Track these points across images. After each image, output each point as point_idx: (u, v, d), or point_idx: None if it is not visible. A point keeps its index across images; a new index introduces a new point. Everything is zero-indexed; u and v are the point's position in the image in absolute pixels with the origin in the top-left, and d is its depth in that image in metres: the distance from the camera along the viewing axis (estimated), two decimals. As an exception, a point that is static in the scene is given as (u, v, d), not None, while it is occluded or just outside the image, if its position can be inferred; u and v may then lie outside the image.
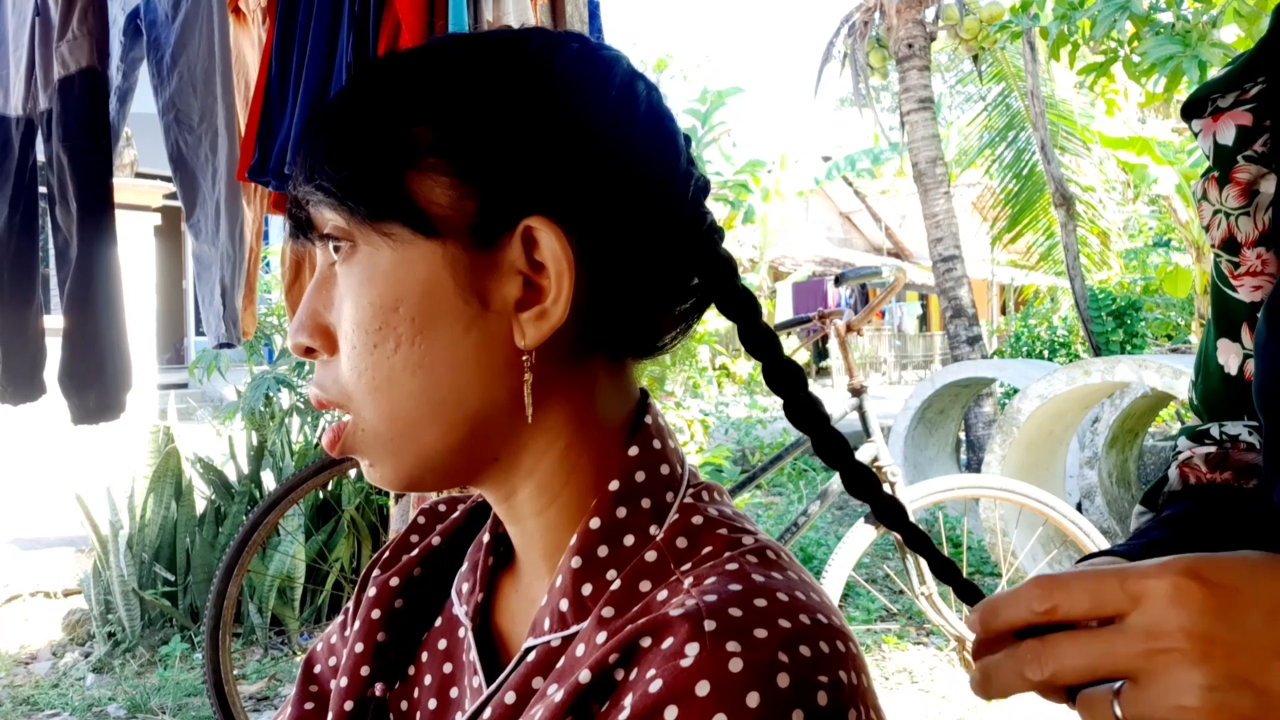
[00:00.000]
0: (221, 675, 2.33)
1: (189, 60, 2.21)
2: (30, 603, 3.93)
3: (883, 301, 2.52)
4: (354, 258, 0.50)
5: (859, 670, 0.43)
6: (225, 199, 2.21)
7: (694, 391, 8.90)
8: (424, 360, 0.49)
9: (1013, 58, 8.51)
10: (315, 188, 0.50)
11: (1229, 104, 0.63)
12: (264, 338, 4.92)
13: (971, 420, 6.08)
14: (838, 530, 4.96)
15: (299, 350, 0.53)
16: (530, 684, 0.50)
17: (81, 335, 1.95)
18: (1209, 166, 0.65)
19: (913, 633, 3.42)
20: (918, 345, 22.83)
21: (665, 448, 0.54)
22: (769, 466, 2.64)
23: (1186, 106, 0.66)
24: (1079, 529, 2.46)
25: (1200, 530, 0.63)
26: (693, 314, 0.56)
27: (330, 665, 0.65)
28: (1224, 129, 0.63)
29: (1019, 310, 17.31)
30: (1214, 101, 0.64)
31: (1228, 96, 0.63)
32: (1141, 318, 8.68)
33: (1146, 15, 4.38)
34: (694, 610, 0.43)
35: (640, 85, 0.53)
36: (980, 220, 11.37)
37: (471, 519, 0.64)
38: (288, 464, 3.79)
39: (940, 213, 6.48)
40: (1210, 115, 0.64)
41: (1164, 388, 3.26)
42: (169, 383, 9.79)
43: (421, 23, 1.58)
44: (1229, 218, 0.63)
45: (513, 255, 0.49)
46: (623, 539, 0.50)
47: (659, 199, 0.51)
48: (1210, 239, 0.65)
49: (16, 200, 2.05)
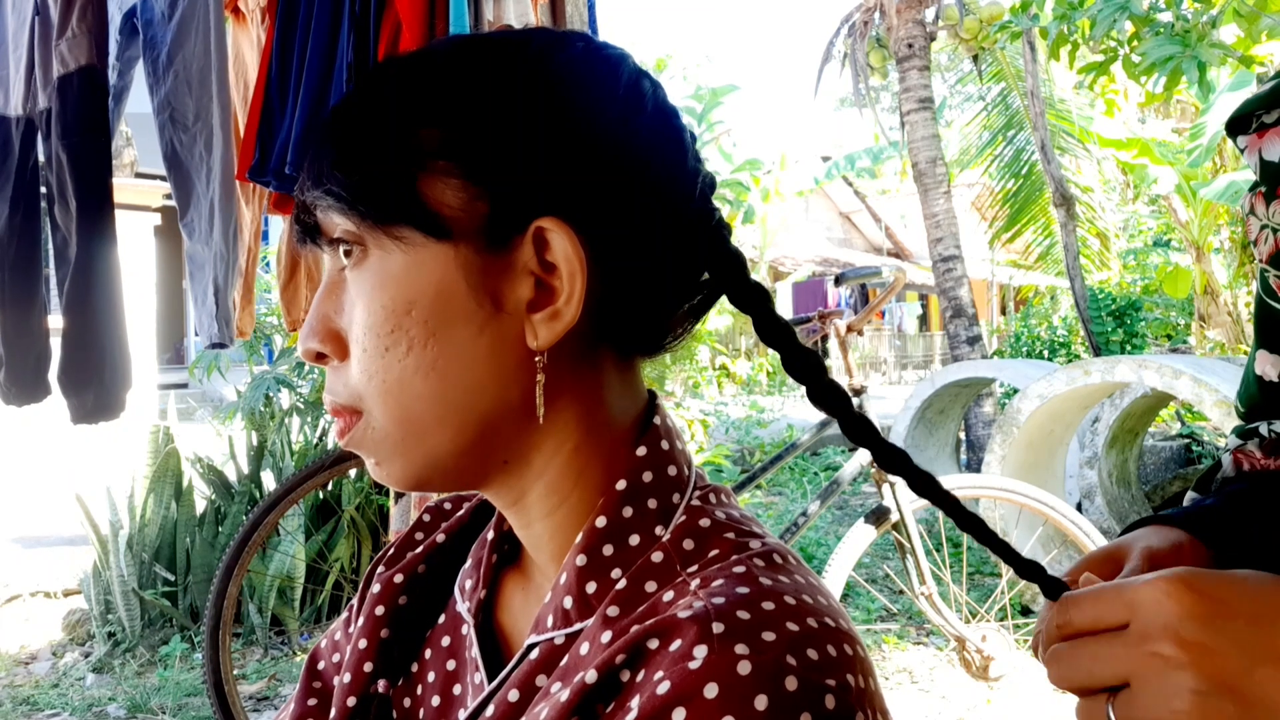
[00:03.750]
0: (221, 675, 2.33)
1: (185, 59, 2.21)
2: (30, 603, 3.93)
3: (883, 301, 2.51)
4: (365, 262, 0.50)
5: (866, 673, 0.43)
6: (219, 198, 2.21)
7: (694, 391, 8.91)
8: (436, 363, 0.49)
9: (1013, 58, 8.52)
10: (324, 193, 0.50)
11: (1274, 120, 0.63)
12: (264, 338, 4.91)
13: (971, 420, 6.08)
14: (838, 530, 4.96)
15: (309, 356, 0.53)
16: (533, 681, 0.50)
17: (81, 335, 1.95)
18: (1255, 181, 0.65)
19: (913, 633, 3.42)
20: (918, 345, 22.83)
21: (673, 449, 0.54)
22: (769, 466, 2.63)
23: (1231, 123, 0.66)
24: (1079, 529, 2.46)
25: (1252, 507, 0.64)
26: (700, 309, 0.56)
27: (334, 662, 0.65)
28: (1270, 145, 0.63)
29: (1019, 310, 17.32)
30: (1259, 118, 0.64)
31: (1273, 112, 0.63)
32: (1141, 318, 8.69)
33: (1146, 15, 4.38)
34: (702, 612, 0.43)
35: (646, 83, 0.53)
36: (980, 220, 11.37)
37: (476, 516, 0.64)
38: (288, 464, 3.79)
39: (940, 213, 6.48)
40: (1255, 131, 0.64)
41: (1164, 388, 3.25)
42: (169, 383, 9.79)
43: (422, 23, 1.58)
44: (1276, 233, 0.64)
45: (524, 256, 0.49)
46: (628, 538, 0.50)
47: (668, 196, 0.51)
48: (1258, 254, 0.65)
49: (17, 200, 2.04)
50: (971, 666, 2.37)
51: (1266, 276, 0.65)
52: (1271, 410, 0.67)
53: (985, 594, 3.56)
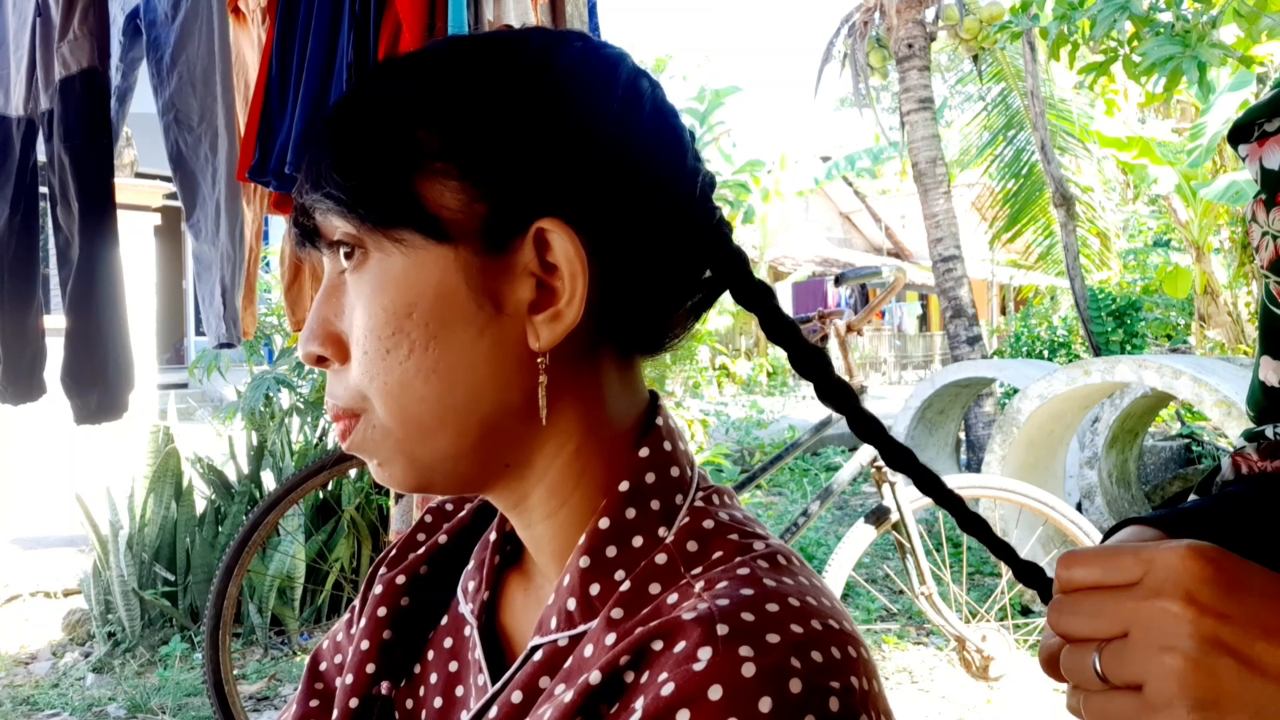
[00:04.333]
0: (221, 675, 2.33)
1: (188, 60, 2.21)
2: (30, 603, 3.93)
3: (883, 301, 2.51)
4: (365, 265, 0.50)
5: (870, 676, 0.43)
6: (225, 199, 2.21)
7: (694, 391, 8.91)
8: (438, 365, 0.49)
9: (1013, 58, 8.52)
10: (323, 195, 0.50)
11: (1275, 128, 0.64)
12: (264, 338, 4.91)
13: (971, 420, 6.08)
14: (838, 530, 4.96)
15: (310, 359, 0.53)
16: (537, 683, 0.50)
17: (84, 335, 1.95)
18: (1257, 190, 0.65)
19: (913, 633, 3.42)
20: (918, 345, 22.83)
21: (676, 450, 0.54)
22: (769, 466, 2.63)
23: (1233, 132, 0.66)
24: (1079, 529, 2.46)
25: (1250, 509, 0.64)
26: (701, 308, 0.56)
27: (335, 663, 0.65)
28: (1271, 153, 0.63)
29: (1019, 310, 17.32)
30: (1260, 126, 0.64)
31: (1274, 121, 0.64)
32: (1141, 318, 8.69)
33: (1146, 15, 4.37)
34: (706, 614, 0.43)
35: (645, 83, 0.53)
36: (980, 220, 11.37)
37: (478, 518, 0.64)
38: (288, 464, 3.79)
39: (940, 213, 6.48)
40: (1257, 140, 0.65)
41: (1164, 388, 3.25)
42: (169, 383, 9.79)
43: (422, 23, 1.58)
44: (1277, 239, 0.64)
45: (525, 258, 0.49)
46: (631, 540, 0.50)
47: (668, 196, 0.51)
48: (1259, 260, 0.66)
49: (17, 200, 2.04)
50: (971, 666, 2.37)
51: (1269, 283, 0.66)
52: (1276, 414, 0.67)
53: (985, 594, 3.56)
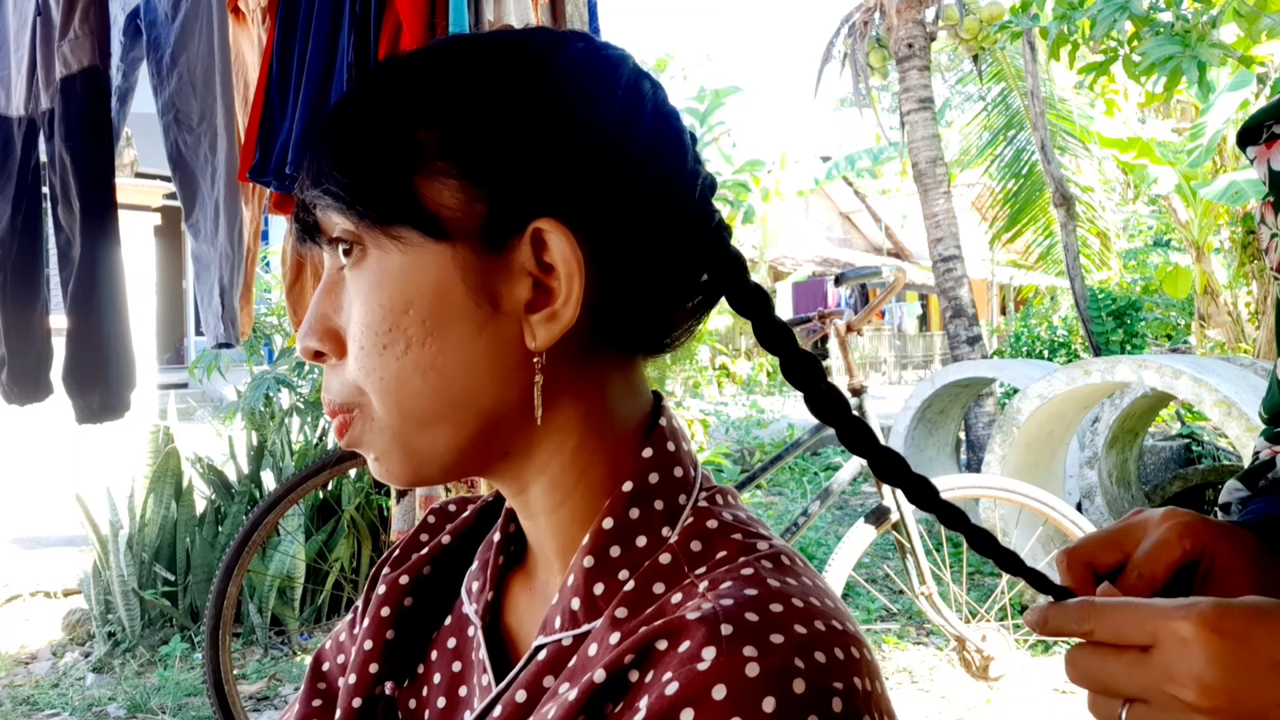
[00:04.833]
0: (221, 675, 2.33)
1: (189, 60, 2.21)
2: (30, 603, 3.93)
3: (883, 301, 2.51)
4: (364, 261, 0.50)
5: (873, 676, 0.43)
6: (224, 199, 2.21)
7: (694, 391, 8.91)
8: (435, 361, 0.49)
9: (1013, 58, 8.52)
10: (323, 192, 0.50)
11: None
12: (264, 338, 4.91)
13: (971, 420, 6.08)
14: (838, 530, 4.96)
15: (308, 354, 0.53)
16: (541, 682, 0.50)
17: (85, 335, 1.95)
18: (1266, 192, 0.65)
19: (913, 633, 3.42)
20: (918, 345, 22.83)
21: (679, 450, 0.54)
22: (769, 466, 2.64)
23: (1241, 134, 0.66)
24: (1079, 529, 2.46)
25: None
26: (703, 308, 0.56)
27: (339, 663, 0.65)
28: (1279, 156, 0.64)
29: (1019, 310, 17.32)
30: (1269, 129, 0.64)
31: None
32: (1141, 318, 8.68)
33: (1146, 15, 4.38)
34: (710, 614, 0.43)
35: (646, 84, 0.53)
36: (980, 220, 11.37)
37: (482, 518, 0.64)
38: (288, 464, 3.79)
39: (940, 213, 6.48)
40: (1265, 142, 0.65)
41: (1164, 388, 3.25)
42: (169, 383, 9.79)
43: (422, 23, 1.58)
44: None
45: (522, 257, 0.49)
46: (635, 540, 0.50)
47: (667, 198, 0.51)
48: (1269, 262, 0.66)
49: (19, 200, 2.05)
50: (971, 666, 2.37)
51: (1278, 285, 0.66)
52: None
53: (985, 594, 3.56)
